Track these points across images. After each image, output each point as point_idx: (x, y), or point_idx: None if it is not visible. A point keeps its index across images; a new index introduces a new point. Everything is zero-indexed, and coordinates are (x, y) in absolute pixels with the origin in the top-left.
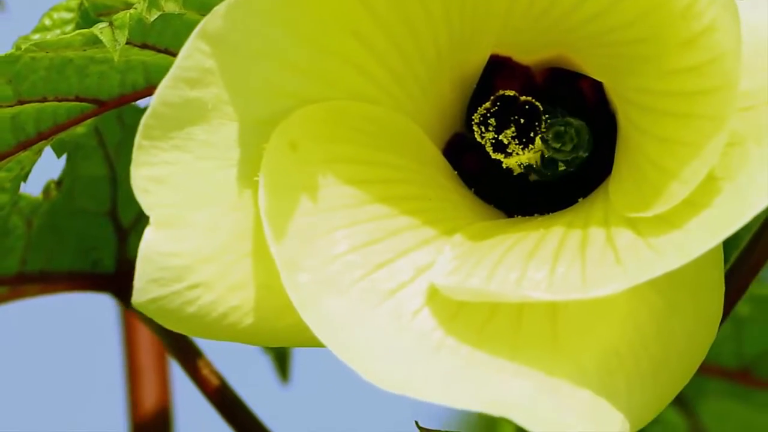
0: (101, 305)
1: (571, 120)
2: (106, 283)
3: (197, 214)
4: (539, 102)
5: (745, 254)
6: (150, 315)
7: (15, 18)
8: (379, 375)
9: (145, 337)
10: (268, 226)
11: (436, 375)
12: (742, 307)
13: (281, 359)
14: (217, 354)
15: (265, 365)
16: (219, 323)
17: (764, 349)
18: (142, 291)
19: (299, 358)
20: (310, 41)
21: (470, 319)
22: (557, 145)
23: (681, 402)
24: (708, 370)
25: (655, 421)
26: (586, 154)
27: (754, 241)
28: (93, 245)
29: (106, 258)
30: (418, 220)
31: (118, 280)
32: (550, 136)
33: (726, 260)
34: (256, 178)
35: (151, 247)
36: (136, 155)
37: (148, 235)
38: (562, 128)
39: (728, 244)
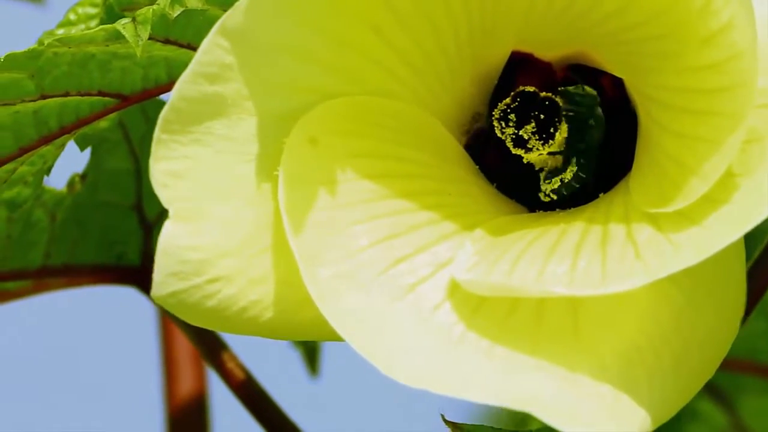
0: (138, 298)
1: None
2: (131, 277)
3: (217, 208)
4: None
5: None
6: (169, 309)
7: (55, 11)
8: (398, 369)
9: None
10: (287, 220)
11: (456, 369)
12: None
13: (311, 354)
14: (245, 348)
15: (294, 359)
16: (239, 317)
17: None
18: (161, 284)
19: (329, 352)
20: (330, 36)
21: (491, 314)
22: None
23: (722, 399)
24: (745, 367)
25: (697, 419)
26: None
27: None
28: (117, 238)
29: (131, 251)
30: (438, 215)
31: (143, 274)
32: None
33: (750, 255)
34: (275, 173)
35: (170, 240)
36: (155, 149)
37: (167, 228)
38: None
39: (751, 239)
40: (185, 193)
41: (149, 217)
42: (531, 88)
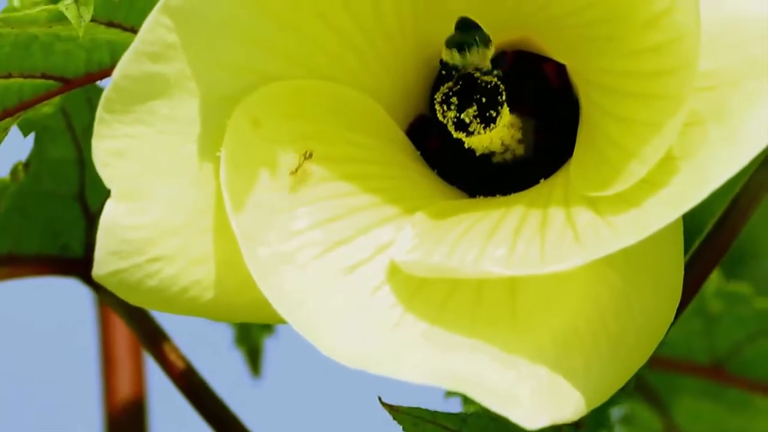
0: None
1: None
2: (74, 268)
3: (159, 187)
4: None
5: (709, 239)
6: (111, 288)
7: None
8: (336, 349)
9: (120, 323)
10: (228, 200)
11: (393, 350)
12: (714, 304)
13: (253, 354)
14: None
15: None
16: (180, 297)
17: (736, 344)
18: (102, 263)
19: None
20: (273, 18)
21: (430, 297)
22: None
23: (655, 401)
24: (681, 367)
25: (630, 422)
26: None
27: (718, 225)
28: (61, 229)
29: (74, 242)
30: (379, 199)
31: (86, 265)
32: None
33: (687, 249)
34: (218, 154)
35: (111, 219)
36: (98, 128)
37: (109, 207)
38: None
39: (689, 233)
40: (127, 172)
41: (92, 208)
42: (474, 72)
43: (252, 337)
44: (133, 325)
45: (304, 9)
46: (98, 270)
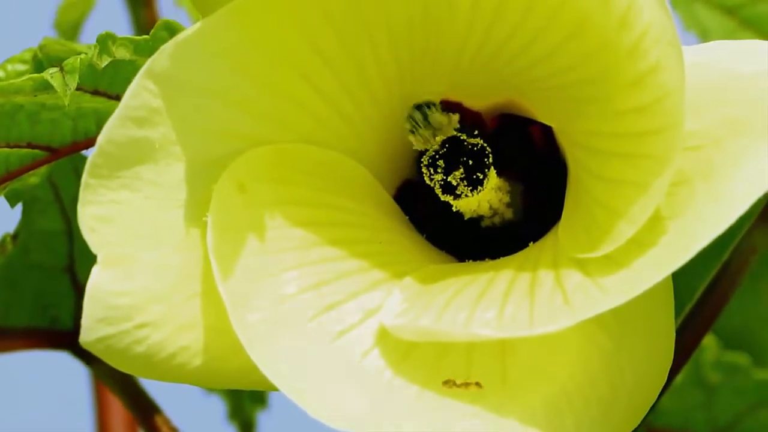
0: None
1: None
2: (65, 341)
3: (145, 253)
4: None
5: (700, 302)
6: (98, 354)
7: None
8: (327, 413)
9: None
10: (216, 266)
11: (383, 413)
12: (713, 375)
13: (247, 428)
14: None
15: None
16: (168, 363)
17: (736, 416)
18: (89, 330)
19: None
20: (258, 82)
21: (420, 360)
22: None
23: None
24: None
25: None
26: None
27: (709, 288)
28: (51, 301)
29: (64, 314)
30: (368, 263)
31: (77, 338)
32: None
33: (680, 312)
34: (204, 219)
35: (98, 285)
36: (83, 194)
37: (96, 274)
38: None
39: (681, 296)
40: (113, 238)
41: (82, 280)
42: (459, 134)
43: (245, 410)
44: (126, 398)
45: (289, 72)
46: (85, 337)
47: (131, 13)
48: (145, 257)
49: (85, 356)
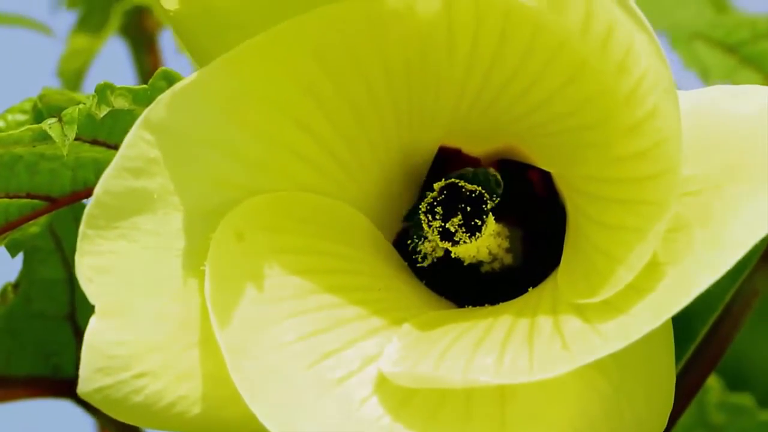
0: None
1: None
2: (66, 389)
3: (143, 303)
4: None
5: (702, 346)
6: (96, 405)
7: None
8: None
9: None
10: (214, 315)
11: None
12: (717, 416)
13: None
14: None
15: None
16: (166, 413)
17: None
18: (87, 380)
19: None
20: (255, 131)
21: (419, 407)
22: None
23: None
24: None
25: None
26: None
27: (712, 332)
28: (53, 350)
29: (66, 363)
30: (366, 310)
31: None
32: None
33: (680, 357)
34: (202, 268)
35: (96, 335)
36: (81, 245)
37: (93, 323)
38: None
39: (682, 339)
40: (111, 288)
41: (83, 328)
42: (458, 181)
43: None
44: None
45: (286, 120)
46: (83, 387)
47: (134, 59)
48: (143, 307)
49: (88, 405)
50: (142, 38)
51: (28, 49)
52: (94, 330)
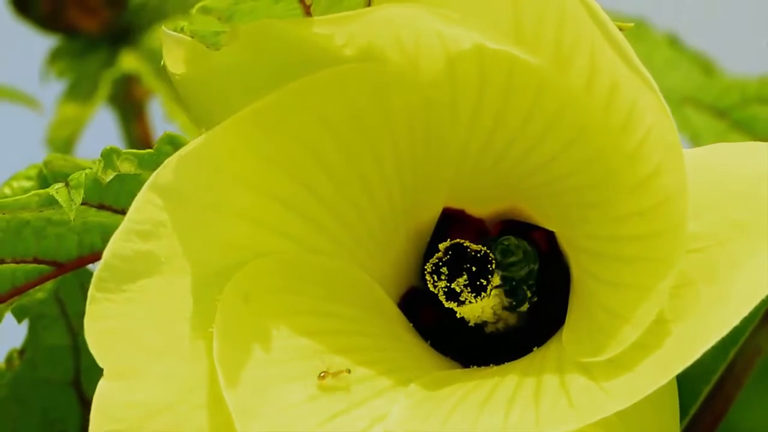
0: None
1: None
2: None
3: (152, 365)
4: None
5: (705, 405)
6: None
7: None
8: None
9: None
10: (222, 376)
11: None
12: None
13: None
14: None
15: None
16: None
17: None
18: None
19: None
20: (260, 193)
21: None
22: (506, 261)
23: None
24: None
25: None
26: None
27: (714, 391)
28: (57, 416)
29: (71, 429)
30: (373, 371)
31: None
32: (498, 253)
33: (686, 412)
34: (210, 330)
35: (105, 398)
36: (89, 308)
37: (102, 386)
38: (507, 245)
39: (687, 394)
40: (120, 350)
41: (88, 395)
42: (463, 241)
43: None
44: None
45: (291, 182)
46: None
47: (123, 128)
48: (152, 369)
49: None
50: (130, 107)
51: (16, 117)
52: (102, 392)
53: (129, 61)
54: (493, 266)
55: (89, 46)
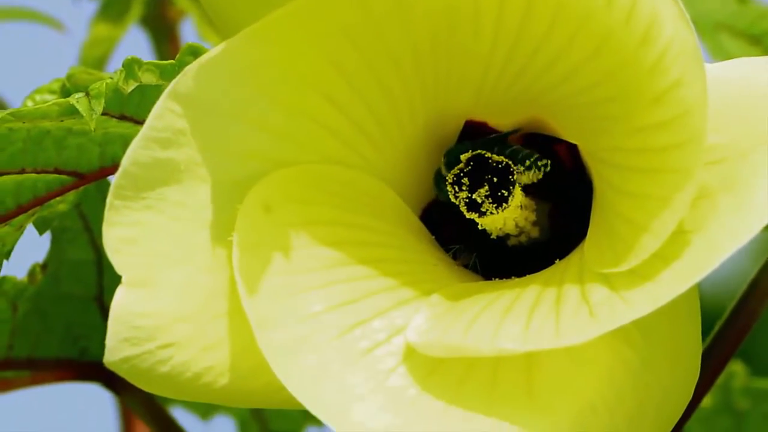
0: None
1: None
2: (94, 372)
3: (170, 274)
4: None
5: (729, 322)
6: (122, 374)
7: None
8: (353, 430)
9: (143, 428)
10: (241, 285)
11: (410, 429)
12: (741, 401)
13: None
14: None
15: None
16: (193, 383)
17: None
18: (114, 350)
19: None
20: (283, 103)
21: (446, 377)
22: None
23: None
24: None
25: None
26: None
27: (738, 307)
28: (81, 332)
29: (93, 346)
30: (394, 282)
31: (107, 369)
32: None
33: (709, 330)
34: (229, 239)
35: (123, 306)
36: (108, 215)
37: (120, 294)
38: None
39: (708, 318)
40: (138, 259)
41: None
42: (484, 152)
43: None
44: (156, 428)
45: (313, 93)
46: (109, 357)
47: (155, 49)
48: (170, 278)
49: (115, 387)
50: (162, 28)
51: (50, 38)
52: (120, 301)
53: None
54: (515, 177)
55: None
